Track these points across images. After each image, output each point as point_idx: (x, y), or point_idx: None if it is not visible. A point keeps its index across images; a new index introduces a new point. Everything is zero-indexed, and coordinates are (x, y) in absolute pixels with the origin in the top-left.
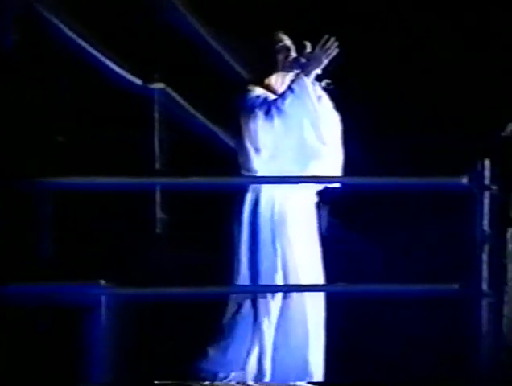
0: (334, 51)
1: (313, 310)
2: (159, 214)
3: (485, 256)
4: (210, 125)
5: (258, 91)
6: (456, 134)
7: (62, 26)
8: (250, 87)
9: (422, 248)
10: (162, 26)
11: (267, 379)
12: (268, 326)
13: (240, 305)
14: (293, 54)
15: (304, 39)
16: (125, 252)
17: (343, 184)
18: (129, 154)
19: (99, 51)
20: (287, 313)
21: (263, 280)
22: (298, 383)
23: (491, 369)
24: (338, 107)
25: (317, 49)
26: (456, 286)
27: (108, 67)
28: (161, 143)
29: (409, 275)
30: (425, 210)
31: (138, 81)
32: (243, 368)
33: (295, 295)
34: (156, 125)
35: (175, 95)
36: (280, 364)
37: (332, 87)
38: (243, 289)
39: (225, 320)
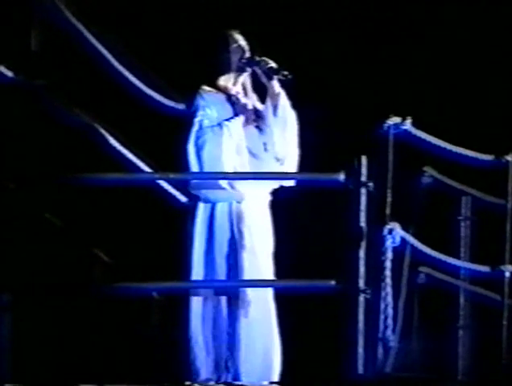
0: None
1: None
2: None
3: (361, 253)
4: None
5: (208, 98)
6: (334, 131)
7: None
8: (204, 87)
9: (300, 244)
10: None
11: (231, 379)
12: (234, 327)
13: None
14: (247, 55)
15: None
16: None
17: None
18: None
19: None
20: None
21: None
22: (264, 383)
23: (366, 365)
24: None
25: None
26: (332, 282)
27: None
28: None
29: (287, 271)
30: (303, 206)
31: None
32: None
33: (259, 296)
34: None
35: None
36: (246, 365)
37: (290, 77)
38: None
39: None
